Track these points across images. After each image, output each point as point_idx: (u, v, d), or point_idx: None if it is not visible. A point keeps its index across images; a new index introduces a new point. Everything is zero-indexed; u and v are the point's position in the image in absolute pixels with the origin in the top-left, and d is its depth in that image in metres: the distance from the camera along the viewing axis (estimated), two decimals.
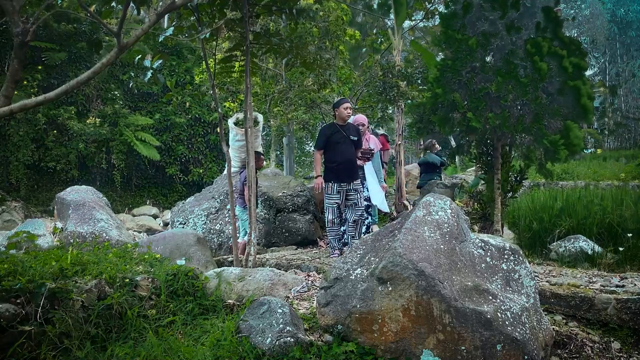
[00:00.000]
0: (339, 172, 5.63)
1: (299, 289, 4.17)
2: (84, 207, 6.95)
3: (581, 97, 5.47)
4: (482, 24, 6.05)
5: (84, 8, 3.23)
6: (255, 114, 7.05)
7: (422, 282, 2.93)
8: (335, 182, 5.64)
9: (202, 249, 5.19)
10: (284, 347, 2.95)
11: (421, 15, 12.04)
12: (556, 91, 5.70)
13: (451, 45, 6.01)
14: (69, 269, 3.29)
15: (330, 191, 5.66)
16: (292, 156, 14.39)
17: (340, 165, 5.64)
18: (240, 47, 5.13)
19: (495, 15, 5.90)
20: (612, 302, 3.56)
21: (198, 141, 16.82)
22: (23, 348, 2.76)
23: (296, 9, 4.95)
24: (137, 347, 3.03)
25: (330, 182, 5.65)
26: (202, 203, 7.73)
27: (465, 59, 5.95)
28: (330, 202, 5.69)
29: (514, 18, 5.86)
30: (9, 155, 13.36)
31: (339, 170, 5.63)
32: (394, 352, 3.00)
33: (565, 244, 5.69)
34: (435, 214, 3.29)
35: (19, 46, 3.14)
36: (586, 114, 5.59)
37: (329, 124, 6.05)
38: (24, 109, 3.12)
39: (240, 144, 6.53)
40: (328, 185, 5.66)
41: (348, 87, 11.64)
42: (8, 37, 13.06)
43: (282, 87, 10.08)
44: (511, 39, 5.94)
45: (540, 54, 5.50)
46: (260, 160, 6.76)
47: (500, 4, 5.76)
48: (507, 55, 5.81)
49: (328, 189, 5.67)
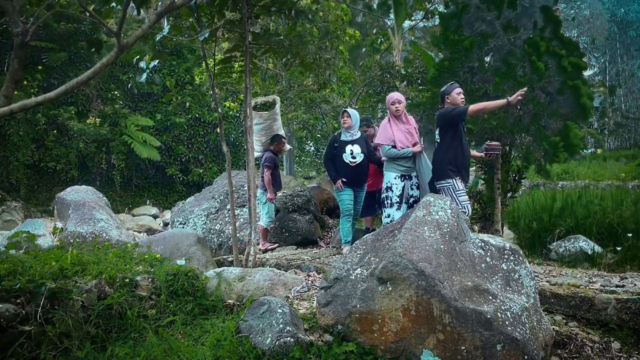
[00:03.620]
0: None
1: (299, 289, 4.17)
2: (84, 207, 6.95)
3: (581, 97, 5.48)
4: (480, 25, 6.05)
5: (84, 8, 3.23)
6: (273, 97, 7.16)
7: (422, 282, 2.93)
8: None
9: (202, 249, 5.19)
10: (284, 347, 2.95)
11: (421, 15, 12.05)
12: (555, 91, 5.70)
13: (449, 46, 6.03)
14: (69, 269, 3.29)
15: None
16: (292, 156, 14.39)
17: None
18: (240, 47, 5.13)
19: (492, 16, 5.91)
20: (612, 302, 3.56)
21: (198, 141, 16.81)
22: (23, 348, 2.76)
23: (295, 9, 4.95)
24: (137, 347, 3.03)
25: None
26: (202, 203, 7.73)
27: (462, 59, 5.96)
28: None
29: (512, 18, 5.87)
30: (9, 155, 13.35)
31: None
32: (394, 352, 3.00)
33: (565, 244, 5.69)
34: (435, 214, 3.29)
35: (19, 46, 3.14)
36: (585, 114, 5.60)
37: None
38: (24, 109, 3.12)
39: (259, 127, 6.65)
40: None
41: (348, 87, 11.64)
42: (8, 37, 13.06)
43: (282, 87, 10.09)
44: (509, 39, 5.94)
45: (539, 53, 5.51)
46: (281, 142, 6.84)
47: (497, 4, 5.77)
48: (505, 55, 5.82)
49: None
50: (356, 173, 5.69)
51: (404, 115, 5.36)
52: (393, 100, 5.29)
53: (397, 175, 5.23)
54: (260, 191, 6.55)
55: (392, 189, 5.24)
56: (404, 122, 5.33)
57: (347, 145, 5.71)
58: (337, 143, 5.78)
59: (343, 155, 5.67)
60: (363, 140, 5.84)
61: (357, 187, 5.79)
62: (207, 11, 4.82)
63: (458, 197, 4.71)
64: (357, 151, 5.69)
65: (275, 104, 6.96)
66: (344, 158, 5.67)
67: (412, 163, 5.27)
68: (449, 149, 4.78)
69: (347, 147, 5.70)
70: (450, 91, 4.87)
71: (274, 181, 6.59)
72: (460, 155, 4.78)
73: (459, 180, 4.77)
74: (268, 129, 6.80)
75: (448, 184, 4.77)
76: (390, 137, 5.22)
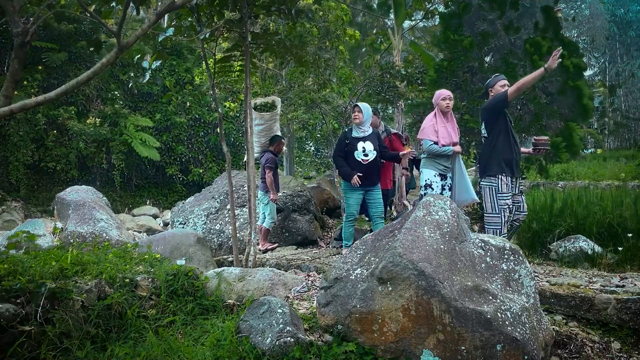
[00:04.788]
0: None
1: (299, 289, 4.17)
2: (84, 207, 6.95)
3: (582, 97, 5.49)
4: (481, 24, 6.06)
5: (84, 8, 3.23)
6: (273, 98, 7.16)
7: (422, 282, 2.93)
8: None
9: (202, 249, 5.19)
10: (284, 347, 2.95)
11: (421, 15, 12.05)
12: (556, 91, 5.71)
13: (449, 46, 6.03)
14: (69, 269, 3.29)
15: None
16: (292, 156, 14.38)
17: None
18: (240, 47, 5.13)
19: (494, 15, 5.92)
20: (612, 302, 3.56)
21: (198, 141, 16.82)
22: (23, 348, 2.76)
23: (295, 9, 4.95)
24: (137, 347, 3.03)
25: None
26: (202, 203, 7.73)
27: (461, 59, 5.96)
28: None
29: (513, 18, 5.87)
30: (9, 155, 13.35)
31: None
32: (394, 352, 3.00)
33: (565, 244, 5.68)
34: (435, 214, 3.29)
35: (19, 46, 3.14)
36: (586, 114, 5.61)
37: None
38: (24, 109, 3.12)
39: (259, 129, 6.65)
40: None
41: (348, 87, 11.64)
42: (8, 37, 13.05)
43: (282, 87, 10.08)
44: (510, 39, 5.95)
45: (540, 53, 5.52)
46: (281, 143, 6.86)
47: (499, 4, 5.77)
48: (505, 55, 5.82)
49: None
50: (368, 171, 5.45)
51: (450, 113, 5.19)
52: (444, 96, 5.08)
53: (436, 173, 5.09)
54: (260, 192, 6.55)
55: (432, 186, 5.08)
56: (449, 120, 5.16)
57: (359, 142, 5.49)
58: (348, 140, 5.54)
59: (355, 152, 5.46)
60: (375, 137, 5.62)
61: (369, 186, 5.54)
62: (207, 11, 4.82)
63: (497, 201, 4.53)
64: (370, 148, 5.48)
65: (276, 105, 6.96)
66: (355, 156, 5.45)
67: (450, 163, 5.14)
68: (495, 143, 4.58)
69: (359, 144, 5.48)
70: (494, 83, 4.68)
71: (274, 182, 6.60)
72: (506, 150, 4.55)
73: (504, 178, 4.54)
74: (268, 130, 6.81)
75: (491, 184, 4.58)
76: (435, 133, 5.04)
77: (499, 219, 4.56)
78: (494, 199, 4.55)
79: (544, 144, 4.85)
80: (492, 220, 4.60)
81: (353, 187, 5.45)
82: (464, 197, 5.19)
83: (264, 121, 6.74)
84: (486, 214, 4.66)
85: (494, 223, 4.59)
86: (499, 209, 4.54)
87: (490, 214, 4.61)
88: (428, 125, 5.11)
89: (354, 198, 5.53)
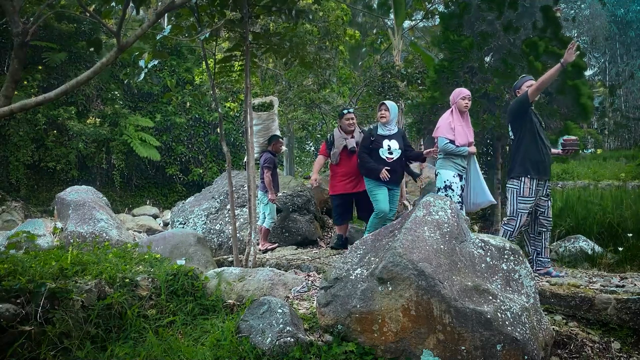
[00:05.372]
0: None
1: (299, 289, 4.17)
2: (84, 207, 6.95)
3: (580, 97, 5.49)
4: (480, 25, 6.06)
5: (84, 8, 3.23)
6: (271, 98, 7.17)
7: (422, 282, 2.93)
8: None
9: (202, 249, 5.19)
10: (284, 347, 2.95)
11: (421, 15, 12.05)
12: (555, 91, 5.71)
13: (449, 46, 6.03)
14: (69, 269, 3.29)
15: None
16: (292, 156, 14.38)
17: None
18: (240, 47, 5.13)
19: (493, 16, 5.92)
20: (612, 302, 3.56)
21: (198, 141, 16.82)
22: (23, 348, 2.76)
23: (295, 9, 4.95)
24: (137, 347, 3.03)
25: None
26: (202, 203, 7.73)
27: (461, 59, 5.97)
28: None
29: (512, 18, 5.87)
30: (9, 155, 13.35)
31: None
32: (394, 352, 3.00)
33: (565, 244, 5.69)
34: (435, 214, 3.29)
35: (19, 46, 3.14)
36: (586, 114, 5.61)
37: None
38: (24, 109, 3.12)
39: (257, 128, 6.66)
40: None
41: (348, 87, 11.64)
42: (8, 37, 13.05)
43: (282, 87, 10.09)
44: (509, 39, 5.95)
45: (537, 53, 5.52)
46: (279, 143, 6.86)
47: (497, 4, 5.77)
48: (504, 55, 5.83)
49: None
50: (393, 170, 5.31)
51: (466, 113, 5.10)
52: (464, 95, 4.97)
53: (455, 174, 4.95)
54: (260, 193, 6.55)
55: (452, 187, 4.92)
56: (464, 119, 5.05)
57: (385, 139, 5.39)
58: (374, 137, 5.42)
59: (379, 150, 5.35)
60: (400, 136, 5.50)
61: (392, 185, 5.42)
62: (207, 11, 4.82)
63: (517, 204, 4.41)
64: (395, 147, 5.38)
65: (274, 105, 6.98)
66: (380, 153, 5.35)
67: (466, 163, 5.04)
68: (519, 145, 4.45)
69: (385, 141, 5.38)
70: (520, 85, 4.55)
71: (273, 182, 6.60)
72: (532, 152, 4.39)
73: (528, 181, 4.37)
74: (266, 130, 6.81)
75: (514, 187, 4.45)
76: (451, 131, 4.89)
77: (514, 223, 4.45)
78: (514, 201, 4.42)
79: (572, 144, 4.65)
80: (508, 223, 4.49)
81: (379, 184, 5.30)
82: (480, 199, 5.07)
83: (261, 121, 6.74)
84: (506, 217, 4.55)
85: (509, 225, 4.48)
86: (517, 213, 4.42)
87: (509, 216, 4.50)
88: (444, 123, 4.96)
89: (382, 194, 5.34)
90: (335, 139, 5.97)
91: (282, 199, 7.25)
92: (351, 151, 5.85)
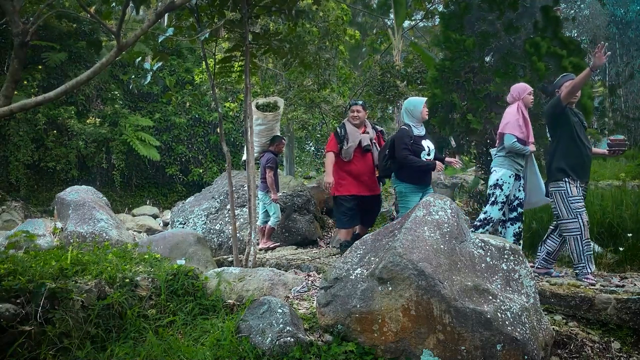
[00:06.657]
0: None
1: (299, 289, 4.17)
2: (84, 207, 6.95)
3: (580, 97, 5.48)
4: (481, 24, 6.06)
5: (84, 8, 3.23)
6: (276, 98, 7.17)
7: (422, 282, 2.93)
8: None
9: (202, 248, 5.19)
10: (284, 347, 2.95)
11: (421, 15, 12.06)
12: None
13: (450, 46, 6.03)
14: (69, 269, 3.29)
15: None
16: (292, 156, 14.38)
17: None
18: (240, 47, 5.13)
19: (494, 16, 5.92)
20: (612, 302, 3.56)
21: (198, 141, 16.81)
22: (23, 348, 2.76)
23: (295, 9, 4.95)
24: (137, 347, 3.03)
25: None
26: (202, 203, 7.73)
27: (463, 59, 5.96)
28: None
29: (513, 18, 5.87)
30: (9, 155, 13.35)
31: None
32: (394, 352, 3.00)
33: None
34: (435, 214, 3.29)
35: (19, 46, 3.14)
36: (586, 114, 5.61)
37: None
38: (24, 109, 3.12)
39: (261, 128, 6.65)
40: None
41: (348, 87, 11.65)
42: (8, 37, 13.05)
43: (282, 87, 10.09)
44: (510, 39, 5.95)
45: (539, 54, 5.52)
46: (281, 143, 6.89)
47: (498, 3, 5.77)
48: (505, 55, 5.82)
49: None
50: (428, 170, 4.96)
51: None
52: (530, 90, 4.68)
53: (512, 174, 4.64)
54: (260, 192, 6.55)
55: (502, 187, 4.62)
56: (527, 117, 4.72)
57: (422, 140, 4.96)
58: (412, 138, 4.92)
59: (421, 153, 4.90)
60: (429, 135, 5.21)
61: (426, 187, 5.07)
62: (207, 11, 4.82)
63: (570, 205, 4.19)
64: (431, 147, 5.02)
65: (279, 106, 6.97)
66: (421, 157, 4.90)
67: (524, 163, 4.76)
68: (555, 148, 4.32)
69: (423, 142, 4.95)
70: (561, 84, 4.38)
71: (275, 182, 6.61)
72: (570, 154, 4.25)
73: (572, 182, 4.22)
74: (270, 130, 6.82)
75: (559, 188, 4.25)
76: (519, 129, 4.55)
77: (576, 223, 4.18)
78: (565, 202, 4.21)
79: (620, 144, 4.47)
80: (569, 226, 4.23)
81: (418, 189, 4.97)
82: (536, 199, 4.83)
83: (266, 121, 6.74)
84: (561, 221, 4.30)
85: (572, 229, 4.21)
86: (574, 213, 4.18)
87: (566, 219, 4.24)
88: (513, 119, 4.59)
89: (415, 202, 4.65)
90: (349, 133, 5.52)
91: (282, 199, 7.26)
92: (365, 149, 5.49)
